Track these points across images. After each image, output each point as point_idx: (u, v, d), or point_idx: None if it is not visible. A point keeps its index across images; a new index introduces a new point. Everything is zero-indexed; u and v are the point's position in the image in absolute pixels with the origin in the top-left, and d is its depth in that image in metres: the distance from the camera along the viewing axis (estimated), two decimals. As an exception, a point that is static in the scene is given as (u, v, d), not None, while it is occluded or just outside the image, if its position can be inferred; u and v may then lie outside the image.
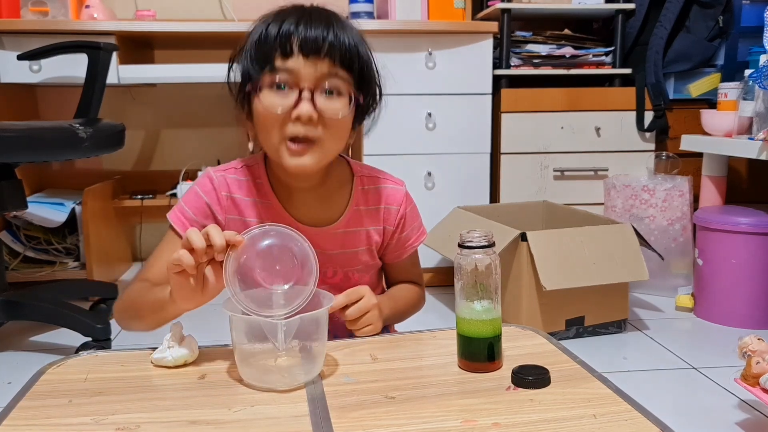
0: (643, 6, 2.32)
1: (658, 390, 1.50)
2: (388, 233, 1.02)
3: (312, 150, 0.88)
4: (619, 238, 1.79)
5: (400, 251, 1.06)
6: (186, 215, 0.95)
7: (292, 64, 0.85)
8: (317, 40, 0.85)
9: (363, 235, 1.00)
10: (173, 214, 0.95)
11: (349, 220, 0.99)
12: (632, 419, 0.67)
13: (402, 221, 1.03)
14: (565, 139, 2.29)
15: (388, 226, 1.01)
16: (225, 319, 0.77)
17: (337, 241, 0.98)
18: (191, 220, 0.94)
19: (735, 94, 1.96)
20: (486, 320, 0.79)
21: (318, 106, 0.86)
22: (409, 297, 1.07)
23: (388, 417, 0.68)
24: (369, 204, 1.00)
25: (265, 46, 0.87)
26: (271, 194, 0.96)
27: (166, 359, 0.82)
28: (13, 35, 2.04)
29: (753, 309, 1.87)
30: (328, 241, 0.97)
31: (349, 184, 1.00)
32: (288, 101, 0.86)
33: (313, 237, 0.91)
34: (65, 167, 2.61)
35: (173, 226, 0.95)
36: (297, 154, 0.87)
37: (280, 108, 0.86)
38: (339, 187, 0.99)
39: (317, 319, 0.78)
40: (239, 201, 0.96)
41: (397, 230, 1.03)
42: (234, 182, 0.96)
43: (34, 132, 1.58)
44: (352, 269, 1.01)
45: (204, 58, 2.58)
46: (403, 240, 1.04)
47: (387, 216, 1.01)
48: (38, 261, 2.21)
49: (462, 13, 2.25)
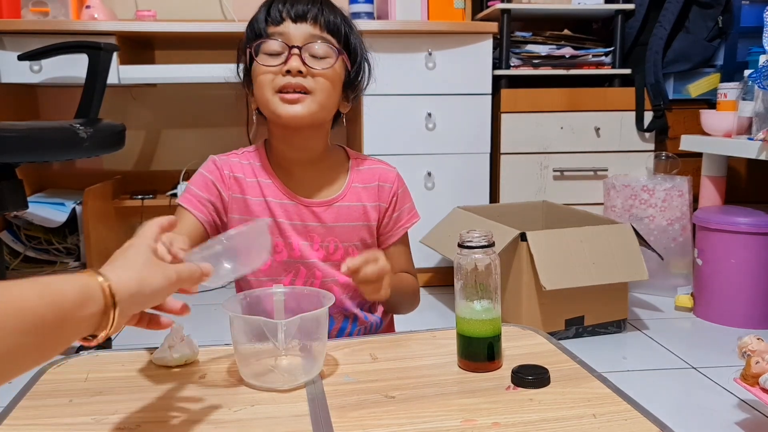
0: (642, 6, 2.32)
1: (657, 390, 1.50)
2: (382, 210, 1.06)
3: (304, 100, 0.94)
4: (619, 238, 1.79)
5: (392, 231, 1.08)
6: (193, 193, 1.00)
7: (282, 29, 0.94)
8: (304, 9, 0.94)
9: (360, 210, 1.03)
10: (182, 197, 1.00)
11: (347, 195, 1.03)
12: (632, 419, 0.68)
13: (395, 199, 1.06)
14: (565, 139, 2.29)
15: (382, 203, 1.05)
16: (225, 319, 0.77)
17: (336, 214, 1.02)
18: (198, 197, 0.99)
19: (734, 94, 1.97)
20: (486, 320, 0.79)
21: (306, 62, 0.93)
22: (409, 283, 1.09)
23: (388, 416, 0.69)
24: (364, 182, 1.05)
25: (258, 21, 0.96)
26: (272, 174, 1.01)
27: (167, 359, 0.82)
28: (14, 35, 2.04)
29: (752, 309, 1.87)
30: (327, 214, 1.01)
31: (346, 164, 1.06)
32: (279, 60, 0.93)
33: (314, 210, 0.99)
34: (66, 167, 2.61)
35: (181, 204, 0.99)
36: (289, 102, 0.93)
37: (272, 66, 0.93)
38: (337, 166, 1.05)
39: (317, 319, 0.78)
40: (241, 180, 1.00)
41: (390, 207, 1.06)
42: (236, 164, 1.01)
43: (34, 132, 1.58)
44: (351, 244, 1.03)
45: (204, 58, 2.58)
46: (395, 220, 1.07)
47: (381, 192, 1.05)
48: (39, 261, 2.21)
49: (462, 13, 2.25)
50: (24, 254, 2.19)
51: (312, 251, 1.00)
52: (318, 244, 1.00)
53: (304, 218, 1.00)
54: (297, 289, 0.89)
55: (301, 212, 1.00)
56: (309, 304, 0.82)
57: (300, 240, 1.00)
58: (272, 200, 0.99)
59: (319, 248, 1.01)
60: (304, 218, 1.00)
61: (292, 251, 1.00)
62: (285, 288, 0.87)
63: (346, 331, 1.05)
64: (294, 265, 1.01)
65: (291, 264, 1.00)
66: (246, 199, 0.99)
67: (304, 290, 0.88)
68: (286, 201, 0.99)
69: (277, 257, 1.00)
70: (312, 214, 1.00)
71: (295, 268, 1.01)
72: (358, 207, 1.03)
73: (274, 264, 1.00)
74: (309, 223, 1.00)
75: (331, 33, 0.95)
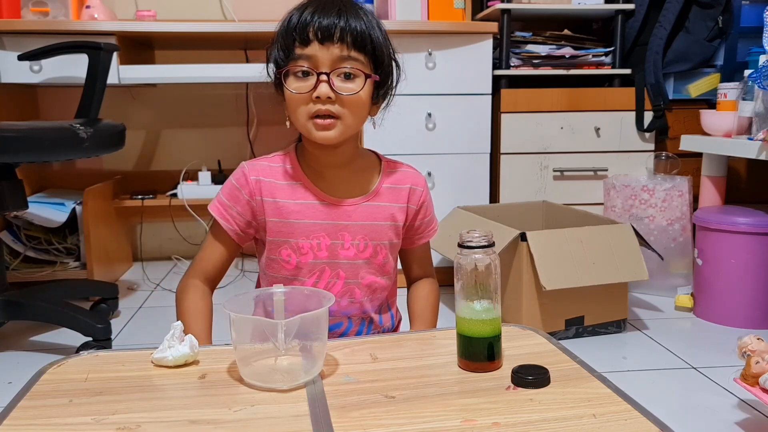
0: (642, 6, 2.32)
1: (657, 390, 1.50)
2: (411, 213, 1.09)
3: (335, 126, 0.98)
4: (619, 238, 1.80)
5: (424, 233, 1.13)
6: (222, 202, 1.05)
7: (309, 51, 0.96)
8: (330, 28, 0.95)
9: (390, 211, 1.07)
10: (212, 206, 1.05)
11: (378, 195, 1.06)
12: (632, 419, 0.68)
13: (423, 204, 1.11)
14: (565, 139, 2.29)
15: (411, 205, 1.09)
16: (225, 319, 0.77)
17: (365, 213, 1.05)
18: (225, 206, 1.04)
19: (734, 94, 1.97)
20: (486, 320, 0.80)
21: (335, 87, 0.96)
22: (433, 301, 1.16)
23: (388, 416, 0.69)
24: (395, 183, 1.08)
25: (287, 37, 0.98)
26: (303, 176, 1.04)
27: (167, 359, 0.82)
28: (14, 35, 2.04)
29: (752, 309, 1.87)
30: (357, 212, 1.04)
31: (378, 166, 1.10)
32: (309, 84, 0.96)
33: (345, 209, 1.03)
34: (66, 167, 2.61)
35: (213, 215, 1.05)
36: (323, 128, 0.97)
37: (302, 90, 0.97)
38: (369, 168, 1.09)
39: (318, 319, 0.78)
40: (271, 184, 1.03)
41: (421, 210, 1.10)
42: (266, 168, 1.04)
43: (34, 132, 1.58)
44: (380, 243, 1.06)
45: (204, 59, 2.58)
46: (427, 223, 1.12)
47: (412, 195, 1.09)
48: (39, 261, 2.21)
49: (462, 13, 2.25)
50: (24, 254, 2.19)
51: (342, 250, 1.03)
52: (349, 243, 1.04)
53: (335, 218, 1.03)
54: (297, 289, 0.89)
55: (331, 212, 1.03)
56: (309, 304, 0.82)
57: (330, 240, 1.03)
58: (303, 202, 1.02)
59: (349, 246, 1.04)
60: (334, 218, 1.03)
61: (319, 252, 1.03)
62: (285, 288, 0.87)
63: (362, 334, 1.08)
64: (319, 266, 1.03)
65: (316, 265, 1.03)
66: (277, 202, 1.02)
67: (304, 290, 0.89)
68: (316, 201, 1.03)
69: (303, 259, 1.03)
70: (343, 213, 1.03)
71: (320, 269, 1.03)
72: (388, 207, 1.07)
73: (300, 265, 1.03)
74: (340, 222, 1.03)
75: (358, 49, 0.96)
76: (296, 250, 1.02)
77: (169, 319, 0.89)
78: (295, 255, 1.02)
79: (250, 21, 2.18)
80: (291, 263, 1.03)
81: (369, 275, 1.06)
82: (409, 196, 1.08)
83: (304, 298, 0.85)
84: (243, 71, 2.24)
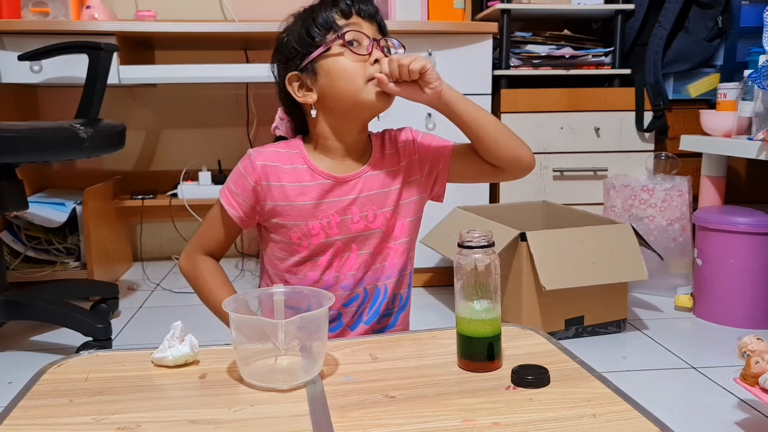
0: (642, 6, 2.32)
1: (657, 390, 1.50)
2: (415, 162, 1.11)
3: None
4: (619, 238, 1.80)
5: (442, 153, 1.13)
6: (230, 189, 1.07)
7: (354, 21, 1.01)
8: (369, 9, 1.03)
9: (390, 175, 1.09)
10: (222, 193, 1.08)
11: (374, 164, 1.08)
12: (632, 419, 0.68)
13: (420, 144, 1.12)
14: (565, 139, 2.29)
15: (412, 157, 1.11)
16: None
17: (368, 183, 1.07)
18: (233, 193, 1.06)
19: (734, 94, 1.97)
20: (486, 320, 0.80)
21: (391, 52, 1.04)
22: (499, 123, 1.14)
23: (388, 416, 0.69)
24: (388, 149, 1.11)
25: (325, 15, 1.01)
26: (308, 159, 1.06)
27: (167, 359, 0.82)
28: (14, 35, 2.04)
29: (752, 309, 1.88)
30: (361, 184, 1.06)
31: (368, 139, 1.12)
32: (363, 50, 1.00)
33: (349, 183, 1.05)
34: (66, 167, 2.61)
35: (221, 201, 1.07)
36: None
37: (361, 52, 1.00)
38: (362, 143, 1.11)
39: (317, 319, 0.78)
40: (278, 168, 1.05)
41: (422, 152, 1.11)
42: (272, 153, 1.07)
43: (34, 132, 1.58)
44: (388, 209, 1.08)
45: (204, 59, 2.58)
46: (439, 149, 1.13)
47: (405, 151, 1.11)
48: (39, 261, 2.21)
49: (462, 13, 2.25)
50: (24, 254, 2.19)
51: (352, 224, 1.05)
52: (358, 216, 1.06)
53: (341, 194, 1.05)
54: (297, 289, 0.89)
55: (337, 190, 1.05)
56: (309, 304, 0.82)
57: (339, 216, 1.05)
58: (309, 183, 1.04)
59: (359, 219, 1.06)
60: (341, 194, 1.05)
61: (329, 230, 1.05)
62: (285, 288, 0.87)
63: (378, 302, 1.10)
64: (332, 243, 1.06)
65: (329, 243, 1.06)
66: (284, 186, 1.04)
67: (304, 290, 0.89)
68: (322, 180, 1.04)
69: (313, 240, 1.05)
70: (348, 188, 1.05)
71: (333, 245, 1.06)
72: (387, 172, 1.08)
73: (312, 246, 1.05)
74: (347, 197, 1.05)
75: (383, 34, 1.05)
76: (307, 233, 1.04)
77: (170, 319, 0.89)
78: (305, 237, 1.05)
79: (251, 21, 2.18)
80: (303, 245, 1.05)
81: (381, 242, 1.08)
82: (402, 153, 1.10)
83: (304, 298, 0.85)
84: (243, 71, 2.24)
